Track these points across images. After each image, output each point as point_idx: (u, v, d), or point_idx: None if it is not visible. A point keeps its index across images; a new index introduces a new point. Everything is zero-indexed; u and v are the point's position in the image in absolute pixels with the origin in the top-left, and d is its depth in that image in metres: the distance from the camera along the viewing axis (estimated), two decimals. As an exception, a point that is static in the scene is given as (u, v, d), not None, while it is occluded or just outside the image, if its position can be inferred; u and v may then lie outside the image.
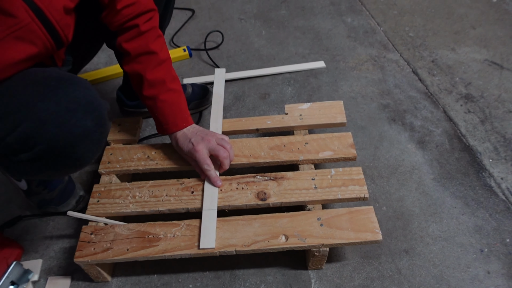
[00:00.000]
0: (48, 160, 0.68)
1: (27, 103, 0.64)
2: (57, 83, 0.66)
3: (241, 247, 0.86)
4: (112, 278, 0.98)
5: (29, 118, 0.63)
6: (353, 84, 1.43)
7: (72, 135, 0.66)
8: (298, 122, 1.11)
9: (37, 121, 0.63)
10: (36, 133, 0.64)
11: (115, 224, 0.93)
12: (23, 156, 0.66)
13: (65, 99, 0.65)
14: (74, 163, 0.72)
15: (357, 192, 0.94)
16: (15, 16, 0.62)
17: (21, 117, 0.63)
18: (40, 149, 0.65)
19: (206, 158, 0.94)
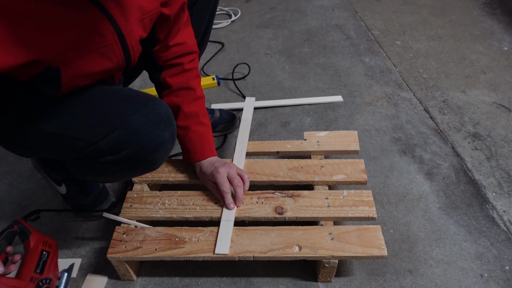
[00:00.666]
0: (130, 163, 0.82)
1: (122, 114, 0.77)
2: (145, 101, 0.80)
3: (259, 253, 0.95)
4: (137, 277, 1.07)
5: (123, 127, 0.76)
6: (368, 118, 1.54)
7: (154, 144, 0.80)
8: (315, 148, 1.22)
9: (130, 130, 0.77)
10: (127, 140, 0.77)
11: (145, 226, 1.04)
12: (109, 158, 0.79)
13: (152, 114, 0.79)
14: (148, 167, 0.87)
15: (367, 212, 1.03)
16: (104, 36, 0.75)
17: (116, 125, 0.77)
18: (126, 153, 0.79)
19: (225, 181, 1.04)
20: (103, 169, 0.84)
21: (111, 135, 0.76)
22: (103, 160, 0.80)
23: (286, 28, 2.21)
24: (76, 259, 1.11)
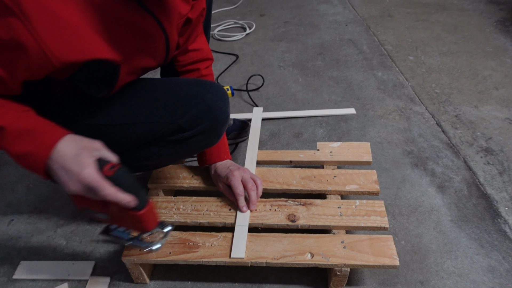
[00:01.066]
0: (204, 136, 0.93)
1: (197, 94, 0.89)
2: (209, 83, 0.93)
3: (271, 259, 0.96)
4: (150, 280, 1.09)
5: (200, 104, 0.89)
6: (380, 130, 1.56)
7: (223, 117, 0.94)
8: (328, 158, 1.23)
9: (206, 106, 0.89)
10: (204, 115, 0.90)
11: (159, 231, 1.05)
12: (186, 134, 0.91)
13: (218, 92, 0.92)
14: (215, 140, 0.99)
15: (379, 222, 1.04)
16: (156, 41, 0.84)
17: (193, 104, 0.88)
18: (202, 127, 0.91)
19: (240, 184, 1.06)
20: (178, 147, 0.92)
21: (189, 112, 0.88)
22: (179, 137, 0.91)
23: (300, 41, 2.24)
24: (90, 262, 1.13)
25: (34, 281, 1.09)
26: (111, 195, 0.70)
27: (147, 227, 0.81)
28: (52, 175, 0.71)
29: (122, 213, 0.76)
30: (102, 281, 1.08)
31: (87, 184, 0.68)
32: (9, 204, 1.33)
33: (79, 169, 0.68)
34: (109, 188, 0.69)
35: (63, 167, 0.68)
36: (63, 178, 0.69)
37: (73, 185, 0.69)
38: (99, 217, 0.82)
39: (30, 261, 1.14)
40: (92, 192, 0.69)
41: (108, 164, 0.71)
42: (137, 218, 0.77)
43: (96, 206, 0.77)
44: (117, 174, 0.71)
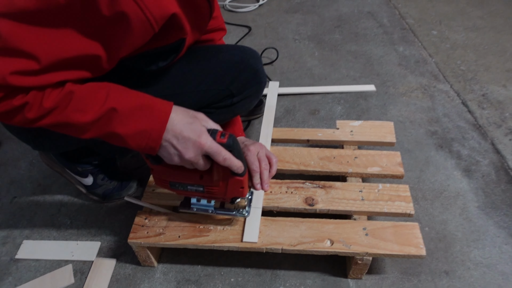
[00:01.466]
0: (249, 99, 0.95)
1: (242, 60, 0.90)
2: (248, 48, 0.94)
3: (287, 246, 0.90)
4: (158, 263, 1.03)
5: (247, 69, 0.90)
6: (402, 109, 1.46)
7: (265, 81, 0.96)
8: (348, 137, 1.15)
9: (253, 70, 0.91)
10: (251, 79, 0.92)
11: (168, 212, 0.99)
12: (235, 99, 0.92)
13: (257, 57, 0.94)
14: (255, 102, 1.00)
15: (403, 208, 0.96)
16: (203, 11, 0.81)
17: (240, 70, 0.89)
18: (248, 92, 0.93)
19: (256, 160, 0.98)
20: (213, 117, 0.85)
21: (238, 78, 0.89)
22: (228, 102, 0.92)
23: (316, 13, 2.12)
24: (95, 242, 1.08)
25: (37, 261, 1.04)
26: (229, 159, 0.73)
27: (245, 192, 0.84)
28: (161, 149, 0.71)
29: (223, 180, 0.81)
30: (108, 263, 1.03)
31: (206, 149, 0.70)
32: (11, 181, 1.28)
33: (196, 136, 0.69)
34: (226, 152, 0.72)
35: (179, 136, 0.69)
36: (179, 147, 0.70)
37: (190, 152, 0.70)
38: (190, 190, 0.84)
39: (33, 240, 1.09)
40: (203, 160, 0.73)
41: (218, 131, 0.73)
42: (240, 183, 0.81)
43: (192, 178, 0.81)
44: (229, 141, 0.73)
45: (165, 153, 0.72)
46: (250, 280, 0.99)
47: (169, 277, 1.00)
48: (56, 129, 0.69)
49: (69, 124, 0.67)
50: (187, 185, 0.83)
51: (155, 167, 0.82)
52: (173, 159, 0.72)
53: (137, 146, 0.70)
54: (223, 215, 0.93)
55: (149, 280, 1.00)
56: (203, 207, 0.92)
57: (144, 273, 1.01)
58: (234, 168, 0.75)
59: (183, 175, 0.81)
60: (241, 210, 0.93)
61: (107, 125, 0.67)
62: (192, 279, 0.99)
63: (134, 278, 1.00)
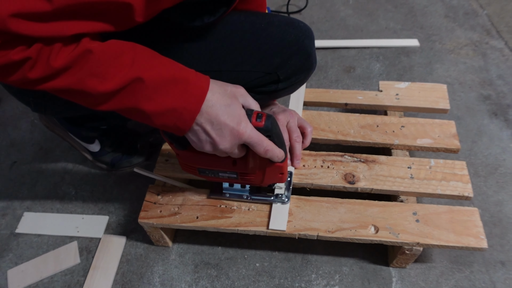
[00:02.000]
0: (293, 87, 0.79)
1: (296, 40, 0.72)
2: (303, 24, 0.76)
3: (324, 232, 0.76)
4: (173, 243, 0.91)
5: (299, 53, 0.73)
6: (450, 68, 1.28)
7: (315, 67, 0.79)
8: (393, 102, 0.98)
9: (305, 55, 0.74)
10: (303, 65, 0.75)
11: (185, 187, 0.86)
12: (280, 85, 0.76)
13: (311, 36, 0.76)
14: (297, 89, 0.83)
15: (460, 189, 0.81)
16: None
17: (292, 52, 0.72)
18: (296, 78, 0.76)
19: (284, 131, 0.84)
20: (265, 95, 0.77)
21: (289, 62, 0.73)
22: (272, 88, 0.76)
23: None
24: (103, 217, 0.96)
25: (40, 237, 0.94)
26: (271, 151, 0.62)
27: (284, 178, 0.74)
28: (191, 133, 0.58)
29: (260, 168, 0.70)
30: (117, 241, 0.92)
31: (245, 139, 0.59)
32: (11, 143, 1.15)
33: (235, 123, 0.57)
34: (267, 142, 0.61)
35: (215, 120, 0.56)
36: (213, 134, 0.57)
37: (225, 141, 0.58)
38: (221, 177, 0.74)
39: (35, 212, 0.98)
40: (238, 149, 0.62)
41: (254, 112, 0.60)
42: (279, 169, 0.70)
43: (223, 165, 0.70)
44: (267, 124, 0.60)
45: (195, 138, 0.59)
46: (278, 266, 0.86)
47: (185, 259, 0.88)
48: (64, 96, 0.54)
49: (82, 92, 0.52)
50: (218, 172, 0.73)
51: (181, 152, 0.69)
52: (204, 146, 0.60)
53: (163, 125, 0.56)
54: (260, 201, 0.81)
55: (163, 262, 0.88)
56: (237, 192, 0.81)
57: (157, 254, 0.89)
58: (275, 158, 0.64)
59: (213, 162, 0.70)
60: (280, 195, 0.80)
61: (130, 98, 0.53)
62: (212, 262, 0.88)
63: (146, 259, 0.89)
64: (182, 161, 0.72)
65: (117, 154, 1.03)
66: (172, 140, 0.66)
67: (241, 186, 0.80)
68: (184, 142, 0.66)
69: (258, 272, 0.86)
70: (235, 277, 0.85)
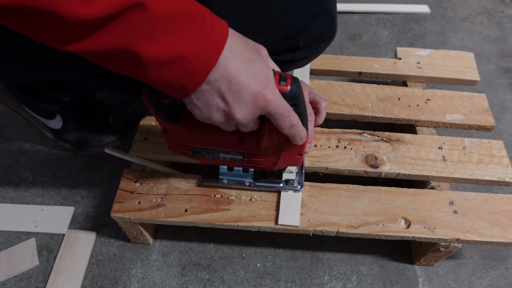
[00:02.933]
0: (309, 59, 0.64)
1: (321, 0, 0.58)
2: None
3: (346, 227, 0.62)
4: (155, 240, 0.75)
5: (323, 16, 0.58)
6: (465, 37, 1.14)
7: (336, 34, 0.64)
8: (415, 72, 0.84)
9: (330, 18, 0.60)
10: (325, 32, 0.60)
11: (170, 172, 0.69)
12: (297, 55, 0.61)
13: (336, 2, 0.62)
14: None
15: (500, 174, 0.68)
16: None
17: (315, 14, 0.58)
18: (316, 47, 0.61)
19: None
20: None
21: (311, 26, 0.58)
22: (287, 57, 0.61)
23: None
24: (68, 208, 0.78)
25: (-13, 233, 0.76)
26: (296, 127, 0.46)
27: (302, 159, 0.57)
28: (197, 96, 0.41)
29: (275, 147, 0.53)
30: (84, 237, 0.75)
31: (271, 109, 0.43)
32: (-47, 117, 0.95)
33: (261, 86, 0.41)
34: (294, 115, 0.45)
35: (233, 79, 0.40)
36: (230, 98, 0.41)
37: (244, 109, 0.42)
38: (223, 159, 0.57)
39: (-19, 203, 0.79)
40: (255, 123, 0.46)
41: (276, 73, 0.44)
42: (298, 150, 0.54)
43: (227, 143, 0.54)
44: (293, 90, 0.44)
45: (202, 102, 0.42)
46: (283, 266, 0.72)
47: (170, 259, 0.72)
48: (18, 25, 0.34)
49: (49, 16, 0.32)
50: (218, 153, 0.56)
51: (171, 127, 0.52)
52: (212, 115, 0.43)
53: (161, 81, 0.39)
54: (267, 189, 0.65)
55: (142, 263, 0.72)
56: (237, 177, 0.64)
57: (135, 253, 0.73)
58: (297, 138, 0.48)
59: (214, 139, 0.54)
60: (291, 181, 0.64)
61: (122, 33, 0.34)
62: (203, 263, 0.72)
63: (122, 260, 0.72)
64: (171, 139, 0.55)
65: (84, 131, 0.85)
66: (159, 110, 0.49)
67: (243, 170, 0.64)
68: (176, 112, 0.50)
69: (260, 274, 0.71)
70: (232, 281, 0.70)
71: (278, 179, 0.64)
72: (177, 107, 0.51)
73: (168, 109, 0.50)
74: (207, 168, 0.66)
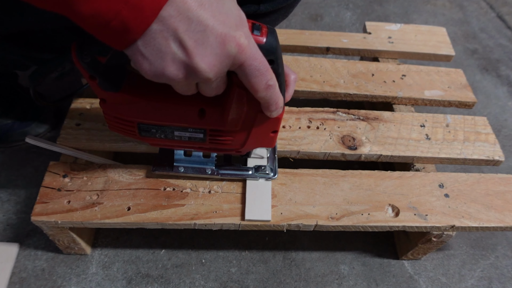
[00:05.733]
0: (276, 16, 0.56)
1: None
2: None
3: (326, 220, 0.51)
4: (93, 249, 0.61)
5: None
6: (429, 19, 1.09)
7: None
8: (387, 47, 0.76)
9: None
10: None
11: (108, 163, 0.56)
12: (262, 7, 0.52)
13: None
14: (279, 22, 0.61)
15: (489, 152, 0.61)
16: None
17: None
18: (282, 2, 0.53)
19: None
20: None
21: None
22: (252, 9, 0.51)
23: None
24: (-20, 216, 0.63)
25: None
26: (273, 87, 0.35)
27: (275, 139, 0.46)
28: (145, 40, 0.29)
29: (245, 121, 0.42)
30: (3, 251, 0.60)
31: (243, 58, 0.32)
32: None
33: (231, 27, 0.30)
34: (271, 72, 0.34)
35: (195, 17, 0.29)
36: (188, 42, 0.29)
37: (209, 56, 0.30)
38: (178, 139, 0.45)
39: None
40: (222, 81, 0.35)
41: (248, 20, 0.34)
42: (273, 124, 0.43)
43: (184, 116, 0.42)
44: (270, 41, 0.34)
45: (151, 51, 0.30)
46: (251, 271, 0.60)
47: (113, 271, 0.59)
48: None
49: None
50: (173, 130, 0.44)
51: (110, 95, 0.40)
52: (166, 66, 0.30)
53: (94, 16, 0.27)
54: (234, 177, 0.53)
55: (78, 278, 0.58)
56: (196, 164, 0.53)
57: (69, 267, 0.59)
58: (273, 106, 0.37)
59: (167, 112, 0.42)
60: (262, 167, 0.54)
61: None
62: (154, 273, 0.59)
63: (52, 276, 0.58)
64: (111, 113, 0.42)
65: (6, 121, 0.70)
66: (94, 72, 0.37)
67: (203, 155, 0.53)
68: (116, 75, 0.37)
69: (223, 282, 0.59)
70: (190, 293, 0.58)
71: (245, 166, 0.53)
72: (118, 68, 0.39)
73: (106, 70, 0.37)
74: (158, 155, 0.53)
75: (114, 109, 0.42)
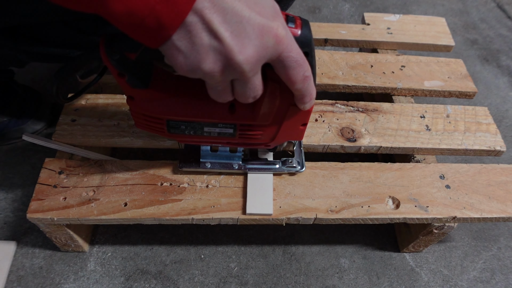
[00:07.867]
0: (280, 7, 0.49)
1: None
2: None
3: (325, 212, 0.51)
4: (91, 246, 0.61)
5: None
6: (428, 10, 1.08)
7: None
8: (386, 38, 0.75)
9: None
10: None
11: (104, 159, 0.55)
12: None
13: None
14: None
15: (490, 142, 0.60)
16: None
17: None
18: None
19: None
20: None
21: None
22: None
23: None
24: (-23, 214, 0.63)
25: None
26: (309, 79, 0.34)
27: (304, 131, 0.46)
28: (179, 35, 0.28)
29: (277, 115, 0.42)
30: (1, 248, 0.59)
31: (281, 50, 0.31)
32: None
33: (268, 16, 0.30)
34: (308, 64, 0.33)
35: (230, 9, 0.28)
36: (224, 34, 0.28)
37: (249, 48, 0.29)
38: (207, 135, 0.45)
39: None
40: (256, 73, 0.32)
41: (281, 12, 0.33)
42: (303, 117, 0.43)
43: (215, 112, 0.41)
44: (305, 33, 0.34)
45: (186, 44, 0.29)
46: (251, 266, 0.60)
47: (111, 268, 0.59)
48: None
49: None
50: (202, 126, 0.43)
51: (140, 92, 0.39)
52: (202, 59, 0.29)
53: (128, 14, 0.27)
54: (261, 171, 0.53)
55: (76, 276, 0.58)
56: (223, 160, 0.52)
57: (67, 264, 0.59)
58: (307, 99, 0.37)
59: (197, 108, 0.41)
60: (290, 160, 0.53)
61: None
62: (152, 270, 0.59)
63: (49, 274, 0.58)
64: (139, 111, 0.42)
65: (1, 119, 0.69)
66: (124, 69, 0.36)
67: (230, 150, 0.52)
68: (145, 72, 0.37)
69: (223, 278, 0.59)
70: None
71: (273, 160, 0.53)
72: (146, 64, 0.38)
73: (136, 67, 0.36)
74: (184, 151, 0.53)
75: (142, 107, 0.41)
